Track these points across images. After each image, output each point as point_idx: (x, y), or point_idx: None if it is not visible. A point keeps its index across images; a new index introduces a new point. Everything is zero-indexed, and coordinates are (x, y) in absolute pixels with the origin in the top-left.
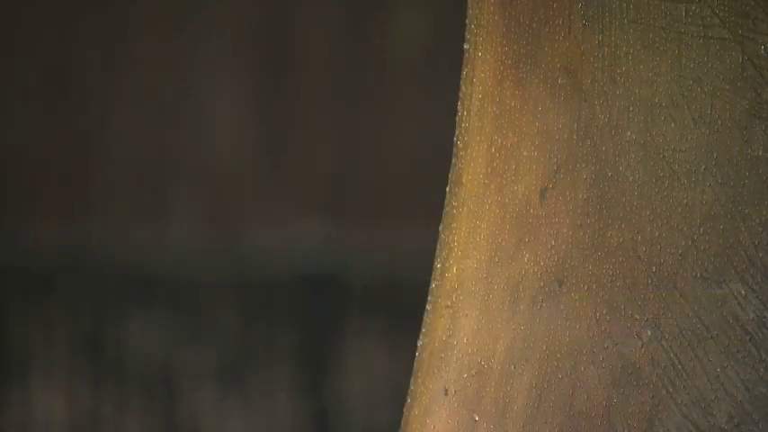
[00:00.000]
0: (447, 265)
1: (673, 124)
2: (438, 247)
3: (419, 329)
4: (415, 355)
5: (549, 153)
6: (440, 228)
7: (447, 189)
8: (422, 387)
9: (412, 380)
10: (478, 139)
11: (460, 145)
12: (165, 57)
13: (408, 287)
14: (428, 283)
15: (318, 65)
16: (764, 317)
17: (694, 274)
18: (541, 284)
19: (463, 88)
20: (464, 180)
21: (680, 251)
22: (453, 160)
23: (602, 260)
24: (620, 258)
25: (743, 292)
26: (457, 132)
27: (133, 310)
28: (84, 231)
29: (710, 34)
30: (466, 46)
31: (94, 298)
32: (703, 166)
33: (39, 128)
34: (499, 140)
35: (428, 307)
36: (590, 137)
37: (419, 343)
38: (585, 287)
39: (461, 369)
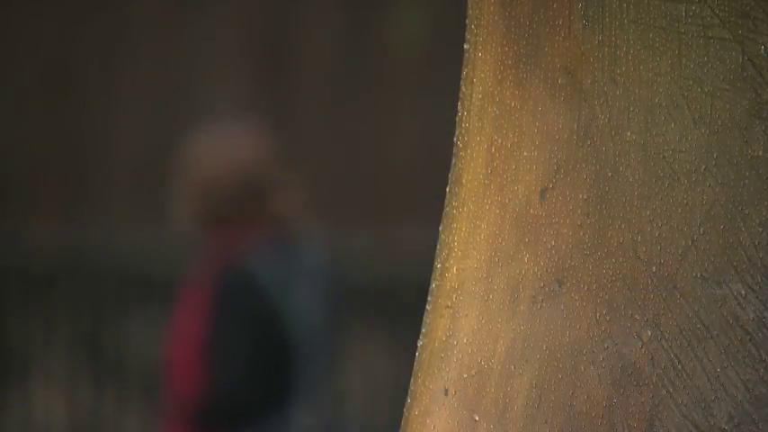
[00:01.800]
0: (447, 265)
1: (673, 124)
2: (438, 247)
3: (419, 329)
4: (415, 355)
5: (549, 153)
6: (440, 228)
7: (447, 189)
8: (422, 387)
9: (412, 380)
10: (478, 139)
11: (460, 145)
12: (165, 57)
13: (408, 287)
14: (428, 283)
15: (319, 65)
16: (764, 317)
17: (694, 274)
18: (541, 284)
19: (463, 88)
20: (464, 180)
21: (680, 251)
22: (453, 160)
23: (602, 260)
24: (620, 258)
25: (743, 292)
26: (457, 132)
27: (133, 310)
28: (84, 231)
29: (710, 34)
30: (466, 46)
31: (94, 298)
32: (703, 166)
33: (39, 128)
34: (499, 140)
35: (428, 307)
36: (590, 137)
37: (419, 343)
38: (585, 287)
39: (461, 369)
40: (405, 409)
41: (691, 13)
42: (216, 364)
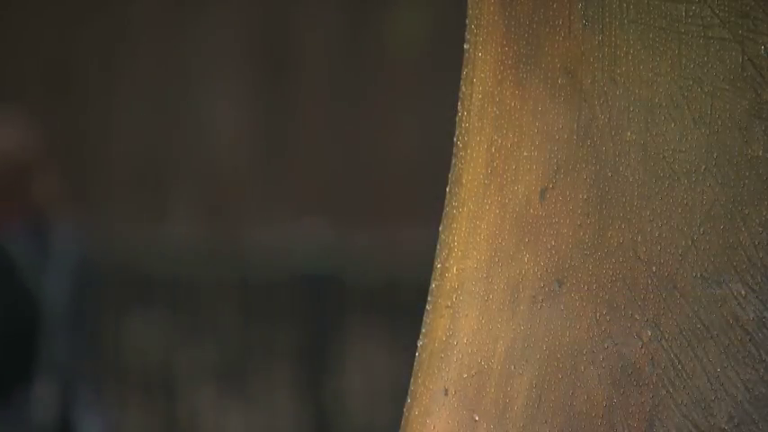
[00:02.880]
0: (447, 265)
1: (673, 124)
2: (438, 247)
3: (419, 329)
4: (415, 355)
5: (549, 153)
6: (440, 228)
7: (447, 189)
8: (422, 387)
9: (412, 380)
10: (478, 139)
11: (460, 145)
12: (165, 57)
13: (408, 287)
14: (428, 283)
15: (318, 65)
16: (764, 317)
17: (694, 274)
18: (541, 284)
19: (463, 88)
20: (464, 180)
21: (680, 251)
22: (453, 160)
23: (602, 260)
24: (620, 258)
25: (743, 292)
26: (457, 132)
27: (133, 310)
28: (85, 231)
29: (710, 34)
30: (466, 46)
31: (94, 297)
32: (703, 166)
33: (39, 128)
34: (499, 140)
35: (428, 307)
36: (590, 137)
37: (419, 343)
38: (585, 287)
39: (461, 369)
40: (405, 409)
41: (691, 13)
42: None
